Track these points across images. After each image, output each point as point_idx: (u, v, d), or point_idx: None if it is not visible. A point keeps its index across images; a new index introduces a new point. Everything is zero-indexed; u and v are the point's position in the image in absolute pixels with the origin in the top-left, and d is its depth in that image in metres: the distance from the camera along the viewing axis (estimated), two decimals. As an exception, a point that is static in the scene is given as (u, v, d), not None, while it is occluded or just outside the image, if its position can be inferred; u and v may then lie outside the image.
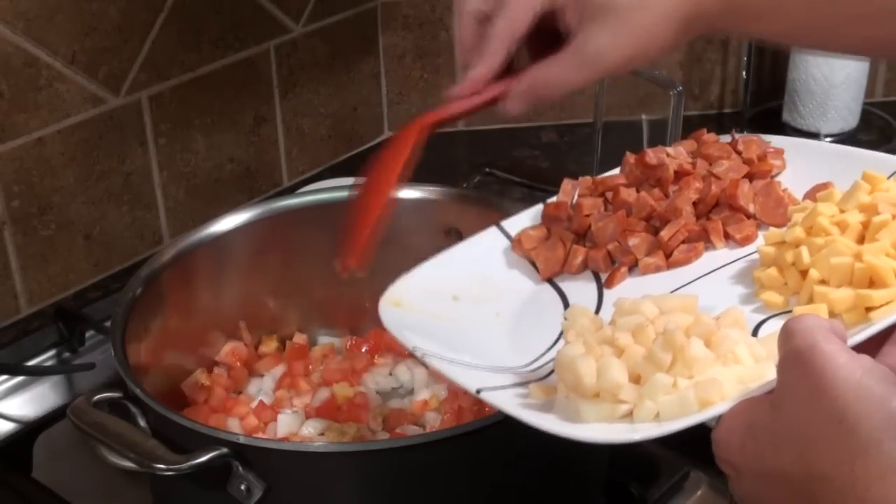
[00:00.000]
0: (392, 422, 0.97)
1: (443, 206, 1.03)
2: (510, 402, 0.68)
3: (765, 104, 1.61)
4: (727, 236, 0.81)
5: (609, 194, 0.85)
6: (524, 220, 0.88)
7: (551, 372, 0.71)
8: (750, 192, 0.82)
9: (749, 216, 0.81)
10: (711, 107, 1.63)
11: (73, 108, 1.21)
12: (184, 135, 1.34)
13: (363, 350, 1.06)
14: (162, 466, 0.76)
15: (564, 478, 0.85)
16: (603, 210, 0.85)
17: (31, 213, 1.20)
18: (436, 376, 1.01)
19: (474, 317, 0.80)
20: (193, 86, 1.33)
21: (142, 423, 0.83)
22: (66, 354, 1.17)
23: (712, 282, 0.77)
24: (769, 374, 0.60)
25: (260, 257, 1.03)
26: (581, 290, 0.81)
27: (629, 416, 0.63)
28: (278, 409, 0.98)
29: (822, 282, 0.68)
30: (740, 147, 0.86)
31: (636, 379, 0.64)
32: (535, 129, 1.61)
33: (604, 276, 0.82)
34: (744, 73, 1.56)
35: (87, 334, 1.17)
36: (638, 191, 0.84)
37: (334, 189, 1.08)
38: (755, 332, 0.69)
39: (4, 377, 1.13)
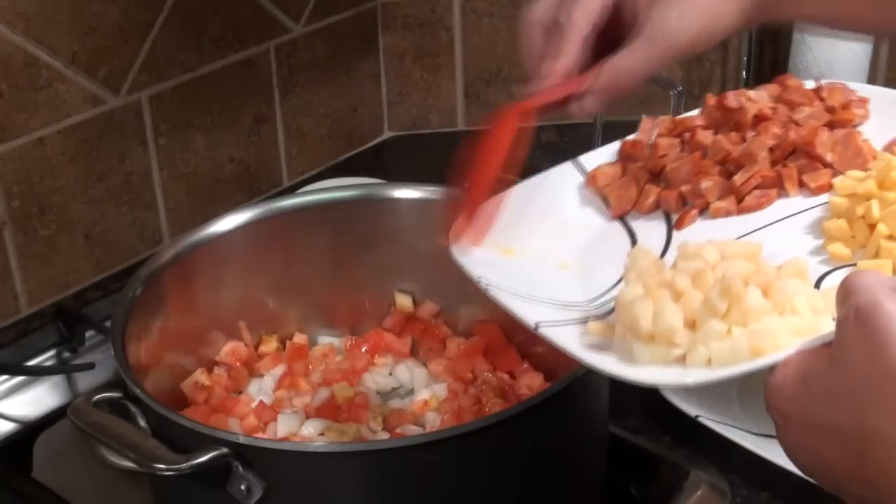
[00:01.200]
0: (392, 422, 0.97)
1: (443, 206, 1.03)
2: (567, 340, 0.68)
3: (765, 104, 1.61)
4: (802, 184, 0.80)
5: (687, 135, 0.85)
6: (601, 156, 0.88)
7: (612, 310, 0.71)
8: (829, 140, 0.81)
9: (826, 165, 0.80)
10: (711, 107, 1.63)
11: (73, 108, 1.21)
12: (184, 135, 1.34)
13: (363, 350, 1.06)
14: (162, 466, 0.76)
15: (564, 478, 0.85)
16: (679, 151, 0.84)
17: (31, 213, 1.20)
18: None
19: (542, 250, 0.80)
20: (193, 86, 1.33)
21: (142, 423, 0.83)
22: (66, 354, 1.17)
23: (782, 229, 0.77)
24: (826, 326, 0.60)
25: (260, 257, 1.03)
26: (651, 229, 0.81)
27: (682, 360, 0.63)
28: (278, 409, 0.98)
29: (890, 237, 0.68)
30: (824, 94, 0.85)
31: (692, 324, 0.64)
32: (535, 129, 1.60)
33: (674, 218, 0.81)
34: (744, 73, 1.56)
35: (87, 334, 1.17)
36: (716, 133, 0.84)
37: (334, 189, 1.08)
38: (818, 284, 0.68)
39: (4, 377, 1.13)
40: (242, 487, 0.77)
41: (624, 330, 0.66)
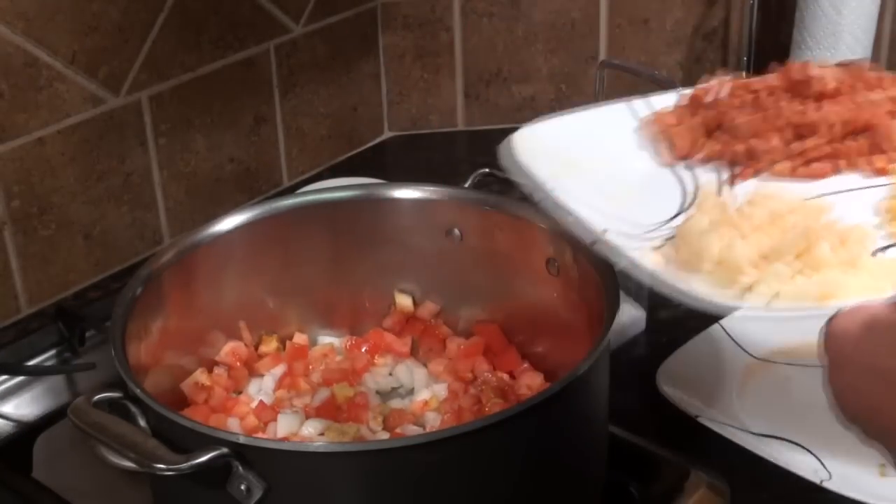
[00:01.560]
0: (392, 422, 0.97)
1: (443, 206, 1.03)
2: (631, 252, 0.70)
3: (765, 104, 1.61)
4: (863, 163, 0.81)
5: (753, 97, 0.86)
6: (659, 102, 0.89)
7: (665, 242, 0.72)
8: (894, 126, 0.82)
9: (889, 149, 0.81)
10: (711, 107, 1.63)
11: (73, 108, 1.21)
12: (184, 135, 1.34)
13: (363, 350, 1.06)
14: (162, 466, 0.76)
15: (564, 478, 0.85)
16: (748, 110, 0.85)
17: (31, 213, 1.20)
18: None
19: (592, 181, 0.81)
20: (193, 86, 1.33)
21: (142, 423, 0.83)
22: (67, 354, 1.17)
23: (839, 202, 0.78)
24: (889, 290, 0.62)
25: (260, 257, 1.03)
26: (703, 180, 0.82)
27: (740, 294, 0.65)
28: (278, 409, 0.98)
29: None
30: (886, 84, 0.87)
31: (757, 263, 0.66)
32: (535, 129, 1.61)
33: (730, 172, 0.82)
34: (744, 73, 1.56)
35: (88, 334, 1.17)
36: (790, 99, 0.85)
37: (334, 189, 1.08)
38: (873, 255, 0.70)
39: (4, 377, 1.13)
40: (242, 487, 0.77)
41: (688, 258, 0.68)
